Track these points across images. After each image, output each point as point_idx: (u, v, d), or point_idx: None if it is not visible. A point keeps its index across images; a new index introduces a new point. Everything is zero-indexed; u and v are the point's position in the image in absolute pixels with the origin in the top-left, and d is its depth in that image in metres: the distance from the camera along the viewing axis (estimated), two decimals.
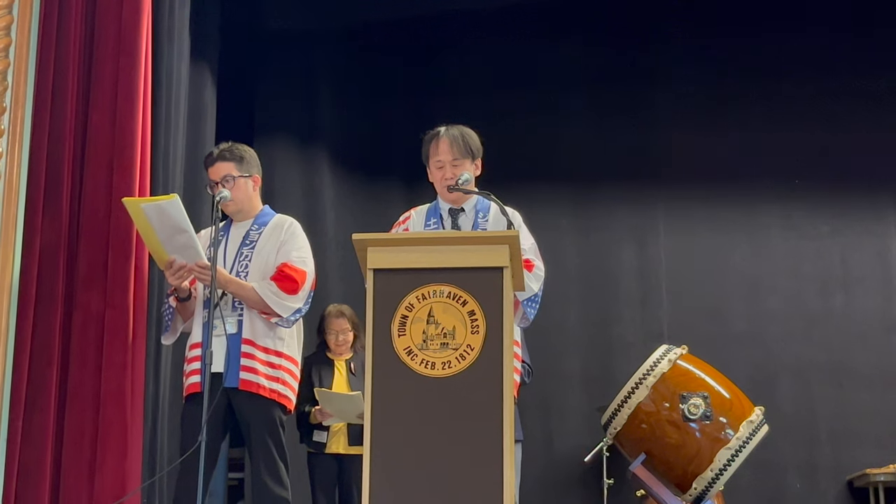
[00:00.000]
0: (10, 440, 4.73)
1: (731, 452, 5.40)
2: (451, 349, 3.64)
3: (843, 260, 7.79)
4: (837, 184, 7.81)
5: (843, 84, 7.86)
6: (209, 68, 6.52)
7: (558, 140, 7.93)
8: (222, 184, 4.88)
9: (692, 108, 7.93)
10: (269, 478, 4.71)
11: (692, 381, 5.56)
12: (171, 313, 4.93)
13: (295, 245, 4.89)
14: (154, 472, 5.14)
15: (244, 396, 4.71)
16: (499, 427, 3.57)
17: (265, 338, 4.77)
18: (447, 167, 4.60)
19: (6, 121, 4.96)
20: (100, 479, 4.78)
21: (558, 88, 7.97)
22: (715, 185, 7.86)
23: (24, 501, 4.73)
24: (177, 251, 4.67)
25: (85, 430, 4.86)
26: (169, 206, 4.59)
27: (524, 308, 4.42)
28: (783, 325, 7.67)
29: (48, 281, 4.94)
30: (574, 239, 7.88)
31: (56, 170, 5.04)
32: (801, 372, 7.58)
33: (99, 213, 5.05)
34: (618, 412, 5.56)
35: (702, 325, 7.59)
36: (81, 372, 4.91)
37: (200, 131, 6.25)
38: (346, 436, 5.91)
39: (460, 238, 3.98)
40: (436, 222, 4.67)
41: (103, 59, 5.21)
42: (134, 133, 5.09)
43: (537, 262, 4.46)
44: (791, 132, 7.85)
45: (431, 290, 3.69)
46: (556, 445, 7.56)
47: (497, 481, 3.53)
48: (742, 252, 7.84)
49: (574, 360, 7.71)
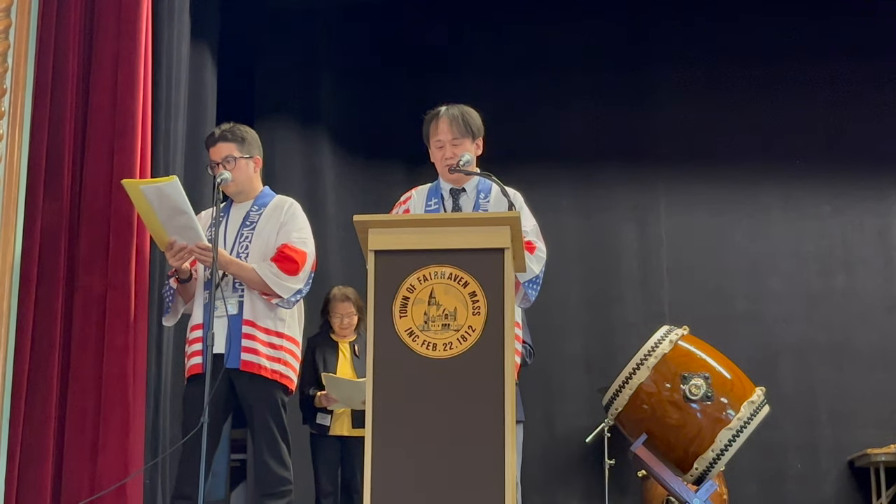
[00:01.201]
0: (12, 422, 4.74)
1: (732, 433, 5.39)
2: (452, 330, 3.64)
3: (844, 240, 7.80)
4: (838, 163, 7.81)
5: (845, 64, 7.85)
6: (209, 49, 6.50)
7: (559, 121, 7.92)
8: (223, 165, 4.87)
9: (693, 89, 7.93)
10: (272, 458, 4.72)
11: (693, 361, 5.55)
12: (173, 295, 4.93)
13: (295, 226, 4.88)
14: (156, 453, 5.16)
15: (245, 377, 4.72)
16: (500, 408, 3.57)
17: (266, 319, 4.77)
18: (447, 147, 4.58)
19: (6, 103, 4.95)
20: (102, 460, 4.79)
21: (559, 69, 7.96)
22: (716, 165, 7.87)
23: (26, 483, 4.74)
24: (177, 232, 4.67)
25: (87, 412, 4.86)
26: (168, 187, 4.58)
27: (525, 289, 4.42)
28: (784, 306, 7.69)
29: (49, 263, 4.94)
30: (575, 219, 7.88)
31: (57, 152, 5.04)
32: (802, 352, 7.60)
33: (100, 195, 5.04)
34: (619, 393, 5.55)
35: (703, 305, 7.61)
36: (83, 354, 4.92)
37: (201, 112, 6.25)
38: (349, 418, 5.92)
39: (461, 219, 3.98)
40: (437, 203, 4.66)
41: (103, 41, 5.20)
42: (134, 114, 5.09)
43: (539, 244, 4.46)
44: (792, 112, 7.85)
45: (433, 271, 3.69)
46: (557, 426, 7.58)
47: (498, 462, 3.53)
48: (743, 232, 7.84)
49: (575, 341, 7.73)
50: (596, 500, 7.23)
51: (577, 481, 7.49)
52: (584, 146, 7.89)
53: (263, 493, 4.76)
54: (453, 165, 4.54)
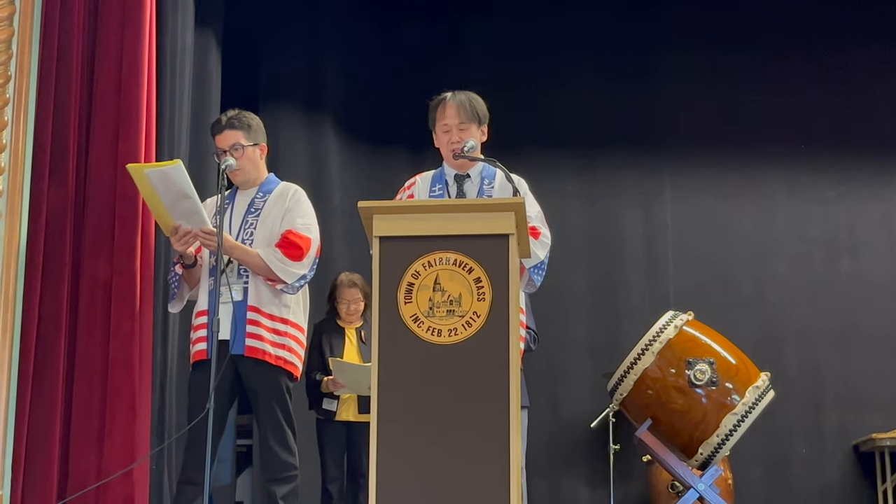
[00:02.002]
0: (19, 408, 4.75)
1: (736, 418, 5.41)
2: (457, 316, 3.65)
3: (850, 225, 7.79)
4: (844, 148, 7.80)
5: (851, 49, 7.83)
6: (214, 35, 6.49)
7: (564, 106, 7.91)
8: (230, 152, 4.88)
9: (698, 74, 7.91)
10: (277, 444, 4.74)
11: (698, 346, 5.56)
12: (178, 281, 4.94)
13: (300, 212, 4.89)
14: (162, 439, 5.17)
15: (250, 363, 4.73)
16: (505, 393, 3.58)
17: (271, 305, 4.78)
18: (454, 131, 4.58)
19: (11, 90, 4.95)
20: (109, 446, 4.81)
21: (564, 54, 7.94)
22: (721, 150, 7.86)
23: (33, 468, 4.75)
24: (182, 217, 4.67)
25: (93, 398, 4.88)
26: (173, 171, 4.58)
27: (531, 275, 4.42)
28: (789, 291, 7.69)
29: (55, 249, 4.95)
30: (580, 205, 7.88)
31: (62, 138, 5.04)
32: (807, 337, 7.60)
33: (105, 182, 5.05)
34: (624, 378, 5.56)
35: (708, 290, 7.60)
36: (89, 339, 4.93)
37: (205, 99, 6.24)
38: (356, 403, 5.92)
39: (466, 205, 3.97)
40: (441, 188, 4.66)
41: (108, 27, 5.20)
42: (139, 101, 5.09)
43: (543, 230, 4.46)
44: (797, 97, 7.83)
45: (437, 257, 3.69)
46: (562, 412, 7.59)
47: (503, 447, 3.54)
48: (748, 217, 7.84)
49: (580, 326, 7.72)
50: (600, 485, 7.24)
51: (581, 466, 7.49)
52: (589, 132, 7.88)
53: (269, 478, 4.77)
54: (458, 151, 4.54)
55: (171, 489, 5.14)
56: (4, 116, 4.89)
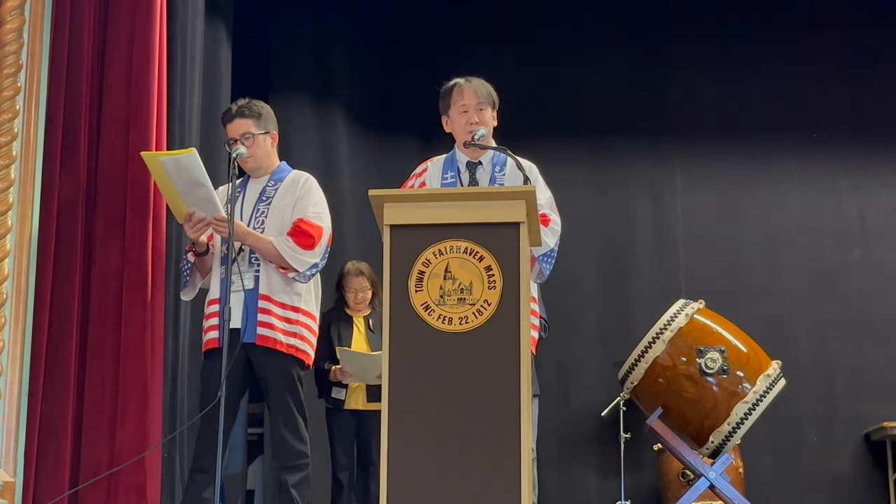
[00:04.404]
0: (31, 396, 4.76)
1: (747, 406, 5.40)
2: (468, 304, 3.65)
3: (861, 214, 7.77)
4: (855, 137, 7.78)
5: (864, 37, 7.81)
6: (224, 24, 6.50)
7: (575, 94, 7.90)
8: (241, 141, 4.88)
9: (709, 62, 7.90)
10: (288, 433, 4.75)
11: (709, 335, 5.55)
12: (190, 269, 4.95)
13: (311, 200, 4.89)
14: (174, 427, 5.19)
15: (262, 352, 4.74)
16: (515, 382, 3.58)
17: (282, 293, 4.79)
18: (472, 111, 4.60)
19: (23, 79, 4.95)
20: (121, 434, 4.82)
21: (574, 42, 7.93)
22: (731, 139, 7.84)
23: (46, 457, 4.77)
24: (195, 204, 4.69)
25: (105, 386, 4.89)
26: (187, 159, 4.60)
27: (540, 264, 4.42)
28: (800, 280, 7.68)
29: (67, 238, 4.96)
30: (591, 194, 7.87)
31: (73, 127, 5.04)
32: (818, 326, 7.59)
33: (116, 171, 5.05)
34: (635, 367, 5.56)
35: (719, 279, 7.60)
36: (101, 328, 4.94)
37: (216, 88, 6.25)
38: (364, 392, 5.93)
39: (477, 193, 3.98)
40: (453, 176, 4.66)
41: (118, 17, 5.20)
42: (150, 90, 5.09)
43: (554, 217, 4.46)
44: (808, 85, 7.81)
45: (448, 245, 3.69)
46: (572, 400, 7.59)
47: (514, 436, 3.54)
48: (759, 206, 7.83)
49: (591, 315, 7.73)
50: (611, 473, 7.25)
51: (592, 455, 7.50)
52: (599, 121, 7.87)
53: (281, 466, 4.79)
54: (468, 140, 4.55)
55: (182, 477, 5.15)
56: (16, 105, 4.90)
